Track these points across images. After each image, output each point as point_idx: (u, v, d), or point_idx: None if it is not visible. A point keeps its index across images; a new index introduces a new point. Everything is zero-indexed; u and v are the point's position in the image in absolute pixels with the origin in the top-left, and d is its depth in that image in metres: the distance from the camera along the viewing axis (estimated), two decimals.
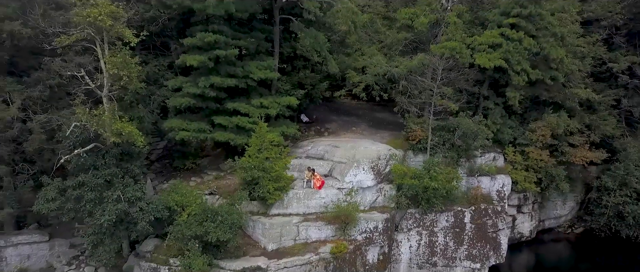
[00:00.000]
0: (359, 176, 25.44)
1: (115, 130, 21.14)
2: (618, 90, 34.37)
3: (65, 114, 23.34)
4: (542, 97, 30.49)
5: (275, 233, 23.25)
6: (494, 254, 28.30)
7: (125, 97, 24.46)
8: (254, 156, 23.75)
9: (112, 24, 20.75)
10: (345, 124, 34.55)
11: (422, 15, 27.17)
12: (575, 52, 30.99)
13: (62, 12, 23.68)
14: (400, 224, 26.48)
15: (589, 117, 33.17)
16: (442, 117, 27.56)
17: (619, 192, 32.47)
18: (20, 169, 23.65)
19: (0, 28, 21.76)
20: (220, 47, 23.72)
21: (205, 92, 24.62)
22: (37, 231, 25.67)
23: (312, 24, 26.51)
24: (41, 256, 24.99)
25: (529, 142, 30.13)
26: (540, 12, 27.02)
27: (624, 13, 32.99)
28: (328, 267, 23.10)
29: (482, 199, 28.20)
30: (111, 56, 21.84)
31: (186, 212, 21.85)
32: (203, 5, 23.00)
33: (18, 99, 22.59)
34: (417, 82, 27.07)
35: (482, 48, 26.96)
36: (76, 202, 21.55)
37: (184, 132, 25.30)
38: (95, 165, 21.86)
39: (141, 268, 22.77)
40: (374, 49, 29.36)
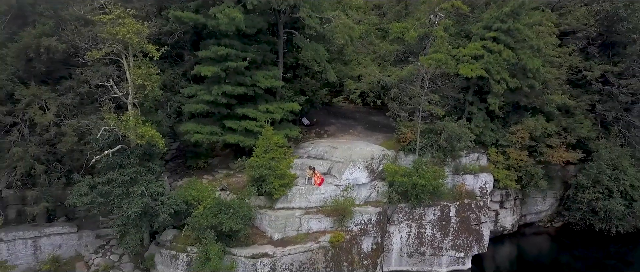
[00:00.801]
0: (354, 174, 28.15)
1: (139, 134, 23.87)
2: (593, 96, 36.96)
3: (93, 118, 25.94)
4: (522, 103, 33.10)
5: (280, 224, 25.94)
6: (477, 244, 31.03)
7: (145, 104, 27.15)
8: (261, 156, 26.43)
9: (138, 40, 23.49)
10: (343, 126, 37.25)
11: (412, 29, 29.92)
12: (552, 61, 33.71)
13: (90, 27, 26.33)
14: (392, 217, 29.19)
15: (566, 121, 35.75)
16: (430, 121, 30.29)
17: (592, 189, 35.10)
18: (53, 167, 26.30)
19: (39, 43, 24.40)
20: (231, 59, 26.39)
21: (217, 99, 27.30)
22: (67, 223, 28.24)
23: (312, 38, 29.18)
24: (71, 246, 27.62)
25: (510, 144, 32.74)
26: (518, 26, 29.69)
27: (597, 26, 35.69)
28: (327, 254, 25.79)
29: (466, 195, 30.89)
30: (136, 68, 24.61)
31: (202, 206, 24.50)
32: (216, 22, 25.64)
33: (53, 105, 25.26)
34: (407, 89, 29.77)
35: (466, 59, 29.64)
36: (105, 196, 24.18)
37: (198, 134, 27.99)
38: (122, 164, 24.53)
39: (162, 255, 25.48)
40: (369, 59, 32.08)
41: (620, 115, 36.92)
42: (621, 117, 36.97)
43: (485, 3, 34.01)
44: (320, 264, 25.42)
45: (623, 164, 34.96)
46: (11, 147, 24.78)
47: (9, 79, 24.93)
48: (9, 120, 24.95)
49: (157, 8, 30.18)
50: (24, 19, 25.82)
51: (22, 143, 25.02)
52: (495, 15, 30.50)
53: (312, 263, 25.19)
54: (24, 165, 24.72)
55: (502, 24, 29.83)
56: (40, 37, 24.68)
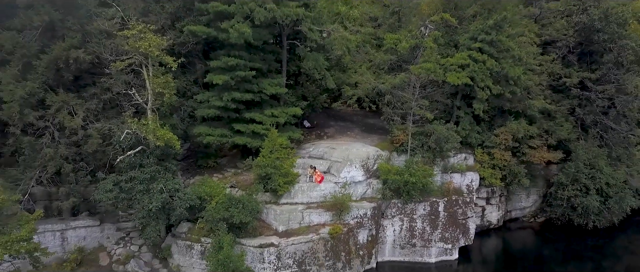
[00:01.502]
0: (352, 172, 30.76)
1: (158, 136, 26.40)
2: (572, 101, 39.51)
3: (115, 122, 28.47)
4: (506, 107, 35.64)
5: (284, 218, 28.51)
6: (463, 237, 33.62)
7: (162, 109, 29.70)
8: (267, 156, 28.99)
9: (158, 53, 26.07)
10: (342, 129, 39.81)
11: (404, 41, 32.52)
12: (533, 69, 36.29)
13: (112, 40, 28.85)
14: (386, 211, 31.79)
15: (547, 124, 38.28)
16: (421, 124, 32.85)
17: (571, 187, 37.62)
18: (80, 167, 28.82)
19: (68, 55, 26.91)
20: (240, 69, 28.93)
21: (227, 105, 29.84)
22: (90, 217, 30.73)
23: (313, 48, 31.73)
24: (94, 238, 30.15)
25: (494, 145, 35.25)
26: (501, 38, 32.23)
27: (576, 36, 38.27)
28: (326, 245, 28.36)
29: (453, 191, 33.47)
30: (155, 77, 27.20)
31: (214, 201, 27.05)
32: (227, 36, 28.19)
33: (80, 111, 27.78)
34: (399, 95, 32.31)
35: (453, 68, 32.19)
36: (128, 192, 26.70)
37: (210, 136, 30.58)
38: (142, 163, 27.05)
39: (178, 245, 28.04)
40: (365, 67, 34.61)
41: (598, 118, 39.46)
42: (599, 120, 39.50)
43: (472, 15, 36.51)
44: (320, 254, 28.01)
45: (599, 164, 37.49)
46: (43, 148, 27.30)
47: (40, 87, 27.40)
48: (41, 124, 27.44)
49: (171, 21, 32.71)
50: (53, 32, 28.29)
51: (52, 145, 27.51)
52: (480, 27, 33.06)
53: (313, 252, 27.77)
54: (54, 164, 27.23)
55: (486, 35, 32.38)
56: (69, 49, 27.19)
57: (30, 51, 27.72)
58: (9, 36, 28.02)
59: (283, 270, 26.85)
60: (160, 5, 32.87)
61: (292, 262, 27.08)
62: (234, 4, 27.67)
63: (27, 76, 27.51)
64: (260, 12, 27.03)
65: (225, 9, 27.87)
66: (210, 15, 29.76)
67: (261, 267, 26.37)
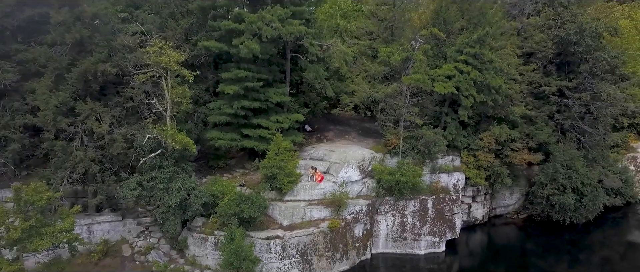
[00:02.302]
0: (349, 172, 33.76)
1: (176, 140, 29.38)
2: (552, 107, 42.59)
3: (136, 127, 31.47)
4: (489, 113, 38.62)
5: (288, 213, 31.50)
6: (450, 231, 36.61)
7: (178, 115, 32.69)
8: (272, 158, 31.97)
9: (177, 67, 29.09)
10: (340, 132, 42.80)
11: (396, 54, 35.50)
12: (514, 78, 39.29)
13: (134, 54, 31.82)
14: (379, 208, 34.79)
15: (529, 128, 41.31)
16: (411, 129, 35.85)
17: (549, 186, 40.56)
18: (105, 167, 31.80)
19: (96, 68, 29.86)
20: (248, 80, 31.95)
21: (237, 112, 32.83)
22: (113, 213, 33.67)
23: (314, 61, 34.75)
24: (117, 231, 33.08)
25: (479, 148, 38.16)
26: (484, 51, 35.27)
27: (554, 48, 41.31)
28: (326, 237, 31.34)
29: (441, 190, 36.47)
30: (173, 88, 30.21)
31: (226, 198, 29.99)
32: (237, 51, 31.15)
33: (106, 117, 30.74)
34: (392, 103, 35.35)
35: (441, 78, 35.16)
36: (150, 191, 29.65)
37: (221, 140, 33.59)
38: (161, 165, 30.00)
39: (193, 238, 31.01)
40: (360, 78, 37.61)
41: (575, 123, 42.45)
42: (576, 125, 42.48)
43: (460, 28, 39.52)
44: (321, 245, 31.01)
45: (575, 165, 40.45)
46: (73, 151, 30.21)
47: (71, 97, 30.25)
48: (71, 130, 30.31)
49: (185, 35, 35.75)
50: (82, 47, 31.15)
51: (81, 148, 30.39)
52: (465, 41, 36.06)
53: (314, 244, 30.77)
54: (83, 165, 30.10)
55: (470, 49, 35.39)
56: (97, 63, 30.09)
57: (61, 64, 30.58)
58: (43, 51, 30.94)
59: (287, 259, 29.86)
60: (176, 21, 35.96)
61: (295, 252, 30.09)
62: (244, 23, 30.67)
63: (59, 87, 30.38)
64: (268, 30, 30.03)
65: (236, 27, 30.88)
66: (222, 31, 32.78)
67: (268, 256, 29.36)
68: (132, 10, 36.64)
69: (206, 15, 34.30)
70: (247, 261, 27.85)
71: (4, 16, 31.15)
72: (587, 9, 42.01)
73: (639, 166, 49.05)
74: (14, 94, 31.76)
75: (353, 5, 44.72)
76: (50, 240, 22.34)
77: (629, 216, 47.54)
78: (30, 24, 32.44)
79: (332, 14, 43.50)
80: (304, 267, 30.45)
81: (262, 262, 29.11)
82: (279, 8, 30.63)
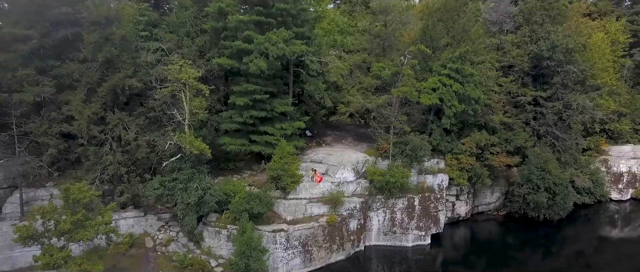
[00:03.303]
0: (344, 174, 37.63)
1: (194, 146, 33.21)
2: (528, 114, 46.57)
3: (157, 134, 35.32)
4: (470, 121, 42.51)
5: (291, 209, 35.33)
6: (435, 226, 40.49)
7: (193, 123, 36.53)
8: (277, 161, 35.81)
9: (195, 84, 32.97)
10: (337, 137, 46.67)
11: (387, 69, 39.42)
12: (494, 90, 43.22)
13: (155, 70, 35.64)
14: (372, 205, 38.64)
15: (507, 134, 45.20)
16: (400, 135, 39.77)
17: (525, 186, 44.39)
18: (131, 169, 35.61)
19: (123, 83, 33.71)
20: (257, 93, 35.82)
21: (246, 120, 36.72)
22: (135, 209, 37.43)
23: (314, 75, 38.67)
24: (140, 226, 36.82)
25: (461, 152, 42.05)
26: (464, 67, 39.20)
27: (529, 62, 45.28)
28: (324, 231, 35.19)
29: (427, 189, 40.32)
30: (191, 100, 34.08)
31: (238, 196, 33.77)
32: (247, 67, 34.99)
33: (132, 126, 34.58)
34: (383, 112, 39.30)
35: (426, 90, 39.06)
36: (171, 190, 33.51)
37: (232, 145, 37.42)
38: (181, 167, 33.89)
39: (208, 231, 34.82)
40: (355, 89, 41.54)
41: (549, 129, 46.35)
42: (550, 130, 46.42)
43: (444, 45, 43.49)
44: (320, 238, 34.87)
45: (548, 167, 44.24)
46: (104, 155, 34.09)
47: (101, 107, 34.06)
48: (102, 137, 34.12)
49: (199, 52, 39.61)
50: (111, 64, 34.92)
51: (110, 152, 34.27)
52: (449, 57, 40.00)
53: (314, 237, 34.62)
54: (112, 168, 33.99)
55: (453, 64, 39.32)
56: (124, 78, 33.89)
57: (93, 79, 34.36)
58: (76, 67, 34.68)
59: (291, 250, 33.72)
60: (191, 39, 39.84)
61: (297, 243, 33.93)
62: (253, 43, 34.56)
63: (91, 99, 34.15)
64: (274, 50, 33.89)
65: (246, 46, 34.75)
66: (233, 49, 36.65)
67: (274, 247, 33.18)
68: (152, 28, 40.59)
69: (218, 35, 38.15)
70: (257, 250, 31.63)
71: (42, 36, 34.85)
72: (559, 27, 45.97)
73: (609, 168, 53.04)
74: (51, 105, 35.42)
75: (349, 22, 48.61)
76: (93, 231, 26.14)
77: (600, 213, 51.49)
78: (64, 43, 36.12)
79: (330, 29, 47.39)
80: (305, 256, 34.33)
81: (269, 252, 32.92)
82: (283, 30, 34.49)
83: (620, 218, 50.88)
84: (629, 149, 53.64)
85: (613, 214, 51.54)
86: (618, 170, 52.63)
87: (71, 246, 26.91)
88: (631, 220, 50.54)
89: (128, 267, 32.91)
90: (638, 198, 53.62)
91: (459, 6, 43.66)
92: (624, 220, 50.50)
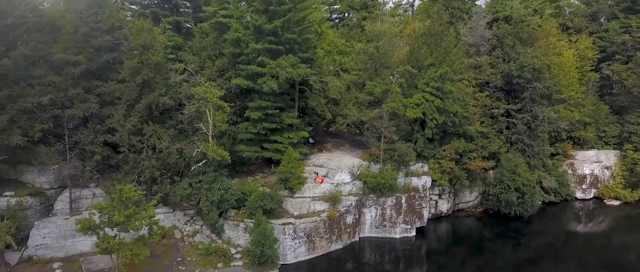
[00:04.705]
0: (342, 176, 43.43)
1: (217, 153, 39.01)
2: (501, 125, 52.38)
3: (185, 143, 41.09)
4: (450, 131, 48.35)
5: (297, 206, 41.01)
6: (419, 220, 46.22)
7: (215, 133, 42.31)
8: (285, 165, 41.54)
9: (219, 102, 38.83)
10: (336, 144, 52.51)
11: (378, 86, 45.30)
12: (470, 104, 49.07)
13: (183, 88, 41.52)
14: (365, 203, 44.42)
15: (483, 141, 51.04)
16: (389, 143, 45.63)
17: (498, 186, 50.21)
18: (163, 173, 41.38)
19: (158, 100, 39.51)
20: (269, 109, 41.67)
21: (259, 131, 42.60)
22: (165, 206, 43.11)
23: (316, 92, 44.57)
24: (169, 220, 42.36)
25: (442, 157, 47.82)
26: (444, 85, 45.05)
27: (502, 80, 51.17)
28: (325, 224, 40.79)
29: (412, 189, 46.04)
30: (214, 115, 39.95)
31: (253, 195, 39.55)
32: (260, 87, 40.87)
33: (164, 136, 40.39)
34: (375, 123, 45.17)
35: (411, 105, 44.90)
36: (197, 190, 39.30)
37: (247, 152, 43.16)
38: (205, 171, 39.70)
39: (228, 224, 40.54)
40: (351, 104, 47.42)
41: (520, 137, 52.07)
42: (520, 138, 52.23)
43: (428, 65, 49.30)
44: (322, 230, 40.63)
45: (518, 170, 50.12)
46: (141, 160, 39.91)
47: (139, 121, 39.93)
48: (140, 145, 39.84)
49: (219, 73, 45.50)
50: (146, 84, 40.69)
51: (147, 158, 40.15)
52: (431, 76, 45.93)
53: (317, 229, 40.35)
54: (148, 172, 39.82)
55: (434, 83, 45.24)
56: (158, 96, 39.77)
57: (131, 97, 40.22)
58: (117, 86, 40.42)
59: (297, 239, 39.48)
60: (212, 62, 45.72)
61: (303, 234, 39.66)
62: (266, 67, 40.44)
63: (130, 113, 40.00)
64: (283, 73, 39.74)
65: (260, 70, 40.62)
66: (248, 72, 42.52)
67: (283, 237, 38.86)
68: (177, 51, 46.53)
69: (236, 59, 43.99)
70: (269, 240, 37.35)
71: (88, 60, 40.72)
72: (529, 48, 51.88)
73: (575, 170, 58.93)
74: (96, 119, 41.20)
75: (346, 43, 54.55)
76: (141, 223, 31.96)
77: (567, 210, 57.07)
78: (106, 66, 42.00)
79: (331, 50, 53.28)
80: (309, 245, 40.10)
81: (279, 241, 38.60)
82: (291, 57, 40.36)
83: (584, 214, 56.59)
84: (592, 154, 59.48)
85: (578, 211, 57.27)
86: (582, 172, 58.44)
87: (122, 235, 32.73)
88: (594, 216, 56.24)
89: (162, 254, 38.68)
90: (600, 197, 59.44)
91: (441, 31, 49.48)
92: (588, 216, 56.19)
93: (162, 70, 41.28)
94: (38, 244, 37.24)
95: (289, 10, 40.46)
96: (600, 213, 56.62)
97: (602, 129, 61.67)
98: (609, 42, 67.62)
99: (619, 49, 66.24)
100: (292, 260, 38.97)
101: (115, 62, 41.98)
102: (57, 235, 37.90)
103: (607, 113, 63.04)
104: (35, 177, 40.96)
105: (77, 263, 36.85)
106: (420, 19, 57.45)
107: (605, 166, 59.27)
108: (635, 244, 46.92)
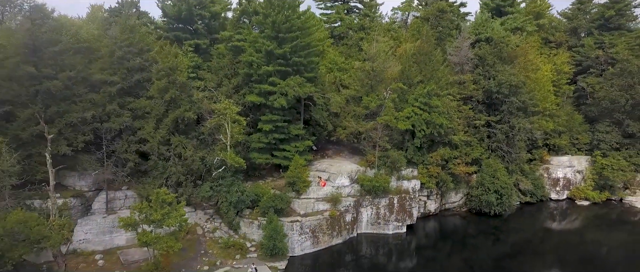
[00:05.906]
0: (342, 180, 48.90)
1: (234, 161, 44.49)
2: (483, 134, 57.88)
3: (206, 151, 46.55)
4: (437, 140, 53.93)
5: (303, 206, 46.45)
6: (409, 219, 51.64)
7: (232, 143, 47.81)
8: (293, 170, 46.97)
9: (237, 118, 44.35)
10: (337, 151, 57.91)
11: (373, 101, 50.89)
12: (455, 116, 54.64)
13: (205, 104, 47.03)
14: (362, 203, 49.88)
15: (466, 149, 56.57)
16: (383, 151, 51.20)
17: (479, 188, 55.70)
18: (187, 177, 46.82)
19: (183, 115, 45.01)
20: (279, 122, 47.17)
21: (270, 141, 48.10)
22: (188, 206, 48.35)
23: (319, 107, 50.13)
24: (192, 218, 47.33)
25: (430, 163, 53.34)
26: (431, 100, 50.60)
27: (482, 95, 56.74)
28: (328, 222, 46.20)
29: (403, 191, 51.49)
30: (232, 128, 45.48)
31: (265, 197, 45.01)
32: (271, 103, 46.47)
33: (189, 146, 45.87)
34: (371, 134, 50.75)
35: (402, 118, 50.46)
36: (218, 192, 44.78)
37: (259, 159, 48.57)
38: (224, 175, 45.19)
39: (244, 222, 45.95)
40: (350, 116, 52.99)
41: (499, 145, 57.50)
42: (500, 146, 57.78)
43: (418, 81, 54.86)
44: (324, 226, 46.06)
45: (497, 174, 55.62)
46: (169, 167, 45.37)
47: (167, 133, 45.42)
48: (167, 154, 45.24)
49: (234, 89, 51.06)
50: (173, 101, 46.08)
51: (174, 165, 45.61)
52: (420, 92, 51.52)
53: (320, 226, 45.74)
54: (175, 177, 45.28)
55: (422, 98, 50.84)
56: (183, 112, 45.29)
57: (159, 112, 45.72)
58: (147, 103, 45.79)
59: (303, 235, 44.87)
60: (228, 80, 51.27)
61: (308, 230, 45.03)
62: (276, 86, 46.01)
63: (159, 126, 45.47)
64: (291, 92, 45.23)
65: (271, 89, 46.17)
66: (261, 90, 48.05)
67: (292, 233, 44.14)
68: (197, 70, 52.07)
69: (249, 78, 49.54)
70: (280, 235, 42.65)
71: (122, 80, 46.17)
72: (507, 66, 57.47)
73: (550, 174, 64.50)
74: (128, 130, 46.64)
75: (345, 62, 60.21)
76: (174, 221, 37.47)
77: (542, 209, 62.46)
78: (137, 84, 47.54)
79: (332, 68, 58.89)
80: (313, 240, 45.54)
81: (288, 236, 43.87)
82: (298, 77, 45.90)
83: (558, 214, 61.99)
84: (566, 159, 65.04)
85: (552, 210, 62.71)
86: (557, 176, 63.98)
87: (158, 231, 38.22)
88: (567, 215, 61.65)
89: (188, 247, 44.05)
90: (572, 198, 65.01)
91: (429, 51, 55.09)
92: (561, 215, 61.60)
93: (186, 89, 46.67)
94: (81, 238, 42.45)
95: (296, 38, 46.03)
96: (572, 212, 62.00)
97: (575, 137, 67.14)
98: (584, 57, 73.20)
99: (593, 63, 71.86)
100: (299, 252, 44.39)
101: (144, 80, 47.35)
102: (97, 231, 43.10)
103: (581, 122, 68.57)
104: (75, 181, 46.21)
105: (116, 255, 42.16)
106: (412, 38, 62.97)
107: (577, 170, 64.79)
108: (604, 240, 51.74)
